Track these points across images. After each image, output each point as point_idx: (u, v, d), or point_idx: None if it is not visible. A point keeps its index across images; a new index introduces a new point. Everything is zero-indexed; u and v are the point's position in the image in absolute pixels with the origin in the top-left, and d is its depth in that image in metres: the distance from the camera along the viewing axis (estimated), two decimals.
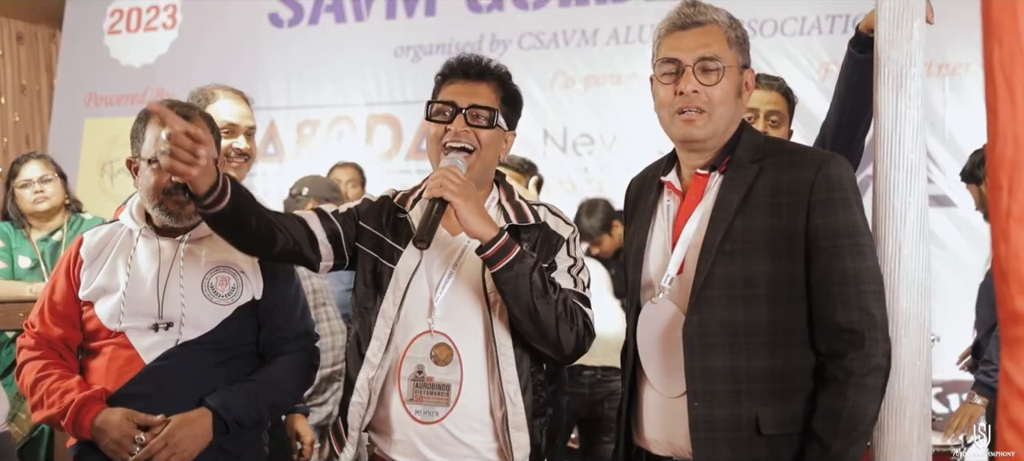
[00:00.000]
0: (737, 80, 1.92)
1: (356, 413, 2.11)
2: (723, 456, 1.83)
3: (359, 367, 2.11)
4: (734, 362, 1.83)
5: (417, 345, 2.09)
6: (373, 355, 2.09)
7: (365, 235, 2.17)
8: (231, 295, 2.30)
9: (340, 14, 6.77)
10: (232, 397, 2.25)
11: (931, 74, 5.44)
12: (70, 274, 2.32)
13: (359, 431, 2.11)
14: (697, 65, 1.88)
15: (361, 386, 2.10)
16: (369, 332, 2.10)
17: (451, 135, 2.09)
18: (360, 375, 2.10)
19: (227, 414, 2.22)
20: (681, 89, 1.89)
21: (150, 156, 2.24)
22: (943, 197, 5.20)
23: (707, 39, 1.90)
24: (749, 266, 1.84)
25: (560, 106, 6.16)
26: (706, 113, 1.89)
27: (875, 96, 1.97)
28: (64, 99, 7.39)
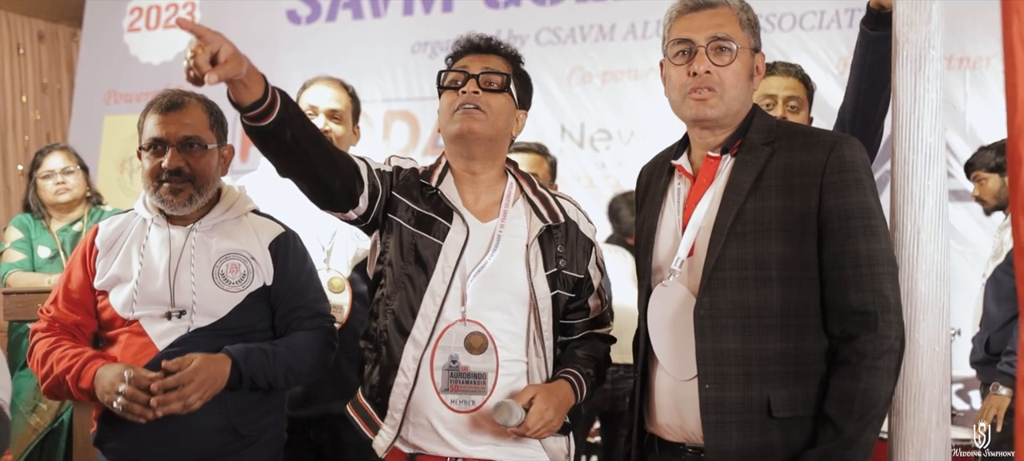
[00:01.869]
0: (749, 62, 1.92)
1: (400, 394, 2.06)
2: (734, 439, 1.82)
3: (403, 346, 2.05)
4: (746, 344, 1.82)
5: (449, 334, 2.05)
6: (420, 334, 2.05)
7: (401, 207, 2.13)
8: (242, 282, 2.31)
9: (358, 11, 6.80)
10: (251, 352, 2.24)
11: (952, 68, 5.44)
12: (86, 263, 2.34)
13: (402, 413, 2.06)
14: (710, 45, 1.88)
15: (407, 366, 2.05)
16: (413, 310, 2.06)
17: (464, 97, 2.07)
18: (406, 354, 2.05)
19: (244, 366, 2.21)
20: (694, 70, 1.89)
21: (145, 144, 2.29)
22: (963, 191, 5.15)
23: (719, 20, 1.90)
24: (761, 248, 1.83)
25: (577, 101, 6.17)
26: (717, 93, 1.89)
27: (893, 79, 1.95)
28: (84, 96, 7.43)
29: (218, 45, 1.71)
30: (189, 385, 2.13)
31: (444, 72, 2.16)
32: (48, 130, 7.68)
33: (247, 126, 1.86)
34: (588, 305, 2.20)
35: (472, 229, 2.08)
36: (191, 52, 1.72)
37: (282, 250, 2.37)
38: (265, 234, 2.38)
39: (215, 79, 1.70)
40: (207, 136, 2.32)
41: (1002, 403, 3.74)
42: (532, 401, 2.00)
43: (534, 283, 2.07)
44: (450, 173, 2.16)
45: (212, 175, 2.34)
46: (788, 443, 1.82)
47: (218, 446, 2.24)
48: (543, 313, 2.08)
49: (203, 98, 2.37)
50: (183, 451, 2.21)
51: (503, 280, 2.07)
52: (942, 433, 1.89)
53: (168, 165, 2.26)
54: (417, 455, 2.08)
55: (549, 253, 2.10)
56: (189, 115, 2.31)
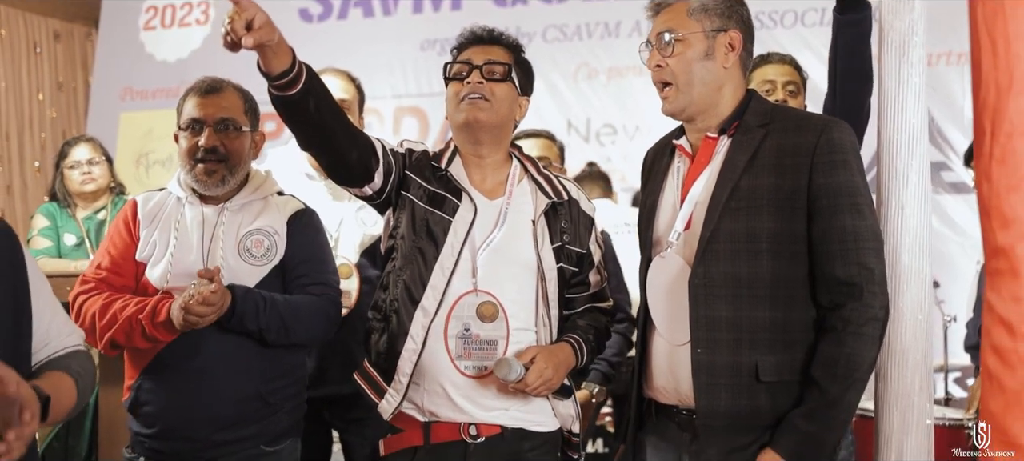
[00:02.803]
0: (705, 44, 2.01)
1: (408, 359, 2.17)
2: (723, 401, 1.93)
3: (413, 314, 2.17)
4: (737, 312, 1.93)
5: (462, 304, 2.17)
6: (429, 303, 2.16)
7: (413, 185, 2.24)
8: (266, 256, 2.43)
9: (368, 9, 6.90)
10: (250, 294, 2.34)
11: (950, 63, 5.52)
12: (130, 230, 2.45)
13: (409, 377, 2.17)
14: (657, 42, 2.03)
15: (416, 333, 2.16)
16: (423, 280, 2.18)
17: (469, 88, 2.20)
18: (415, 321, 2.16)
19: (239, 303, 2.29)
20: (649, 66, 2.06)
21: (184, 124, 2.42)
22: (961, 184, 5.26)
23: (666, 16, 2.05)
24: (753, 222, 1.94)
25: (583, 97, 6.30)
26: (673, 85, 2.02)
27: (879, 64, 2.07)
28: (101, 94, 7.51)
29: (253, 12, 1.84)
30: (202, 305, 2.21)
31: (449, 64, 2.29)
32: (64, 127, 7.75)
33: (274, 95, 1.98)
34: (589, 279, 2.33)
35: (480, 207, 2.21)
36: (229, 18, 1.86)
37: (297, 223, 2.48)
38: (287, 210, 2.50)
39: (251, 43, 1.84)
40: (241, 119, 2.45)
41: None
42: (533, 360, 2.13)
43: (541, 255, 2.20)
44: (458, 156, 2.29)
45: (244, 156, 2.47)
46: (775, 406, 1.93)
47: (245, 412, 2.37)
48: (549, 284, 2.21)
49: (238, 85, 2.50)
50: (213, 416, 2.33)
51: (512, 253, 2.20)
52: (924, 396, 2.00)
53: (205, 144, 2.39)
54: (432, 422, 2.19)
55: (554, 228, 2.23)
56: (226, 99, 2.45)
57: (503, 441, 2.18)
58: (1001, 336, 1.34)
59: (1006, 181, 1.34)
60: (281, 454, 2.45)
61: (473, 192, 2.23)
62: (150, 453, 2.39)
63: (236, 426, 2.36)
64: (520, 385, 2.11)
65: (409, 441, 2.21)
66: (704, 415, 1.94)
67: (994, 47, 1.34)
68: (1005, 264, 1.34)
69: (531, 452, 2.21)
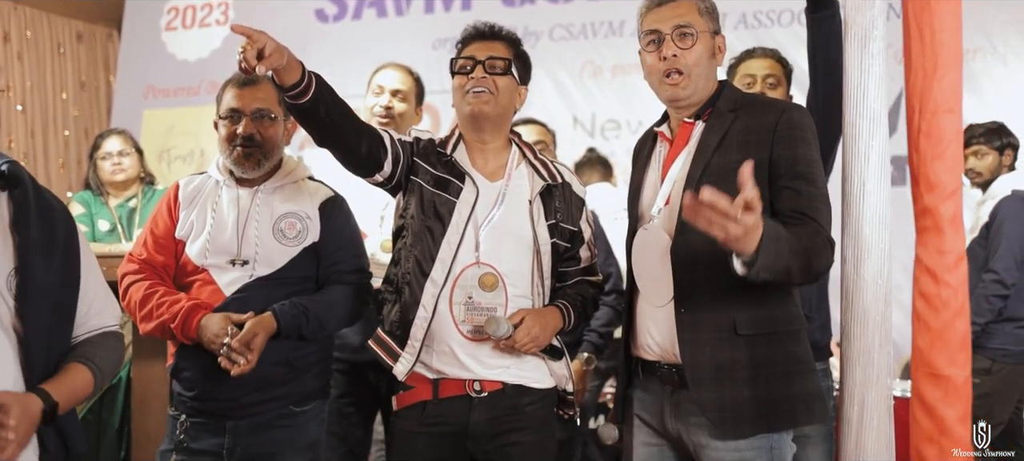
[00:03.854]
0: (710, 44, 2.24)
1: (420, 326, 2.40)
2: (706, 354, 2.14)
3: (423, 286, 2.40)
4: (714, 274, 2.13)
5: (466, 275, 2.41)
6: (437, 275, 2.40)
7: (421, 170, 2.47)
8: (297, 238, 2.63)
9: (381, 9, 7.00)
10: (291, 313, 2.55)
11: None
12: (171, 212, 2.66)
13: (421, 342, 2.41)
14: (674, 33, 2.22)
15: (426, 302, 2.40)
16: (432, 255, 2.41)
17: (473, 82, 2.43)
18: (425, 293, 2.40)
19: (283, 323, 2.53)
20: (664, 55, 2.23)
21: (223, 113, 2.64)
22: None
23: (681, 11, 2.23)
24: (725, 193, 2.16)
25: (588, 93, 6.37)
26: (685, 74, 2.23)
27: (844, 56, 2.30)
28: (124, 92, 7.62)
29: (263, 42, 2.11)
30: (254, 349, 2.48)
31: (455, 59, 2.51)
32: (86, 126, 7.84)
33: (288, 104, 2.26)
34: (580, 255, 2.56)
35: (481, 189, 2.44)
36: (242, 49, 2.13)
37: (330, 211, 2.69)
38: (318, 196, 2.70)
39: (263, 70, 2.12)
40: (275, 109, 2.66)
41: None
42: (522, 320, 2.36)
43: (537, 231, 2.44)
44: (463, 142, 2.52)
45: (278, 143, 2.68)
46: (752, 356, 2.15)
47: (275, 375, 2.58)
48: (544, 257, 2.45)
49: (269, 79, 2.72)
50: (244, 379, 2.53)
51: (511, 229, 2.44)
52: (884, 352, 2.20)
53: (242, 132, 2.61)
54: (440, 379, 2.44)
55: (549, 207, 2.47)
56: (261, 90, 2.66)
57: (504, 396, 2.42)
58: (927, 283, 1.57)
59: (931, 151, 1.57)
60: (308, 414, 2.66)
61: (475, 175, 2.46)
62: (191, 411, 2.61)
63: (266, 388, 2.58)
64: (509, 342, 2.35)
65: (419, 396, 2.44)
66: (690, 367, 2.15)
67: (921, 37, 1.57)
68: (930, 222, 1.57)
69: (529, 406, 2.45)
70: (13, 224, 1.94)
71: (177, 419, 2.64)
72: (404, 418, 2.47)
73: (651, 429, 2.34)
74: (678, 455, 2.32)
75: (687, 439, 2.25)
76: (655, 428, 2.33)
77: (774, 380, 2.15)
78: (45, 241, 1.96)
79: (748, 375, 2.15)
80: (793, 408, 2.15)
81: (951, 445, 1.56)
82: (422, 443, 2.43)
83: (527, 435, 2.44)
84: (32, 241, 1.93)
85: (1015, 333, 4.06)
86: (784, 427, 2.18)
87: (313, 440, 2.69)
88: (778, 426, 2.16)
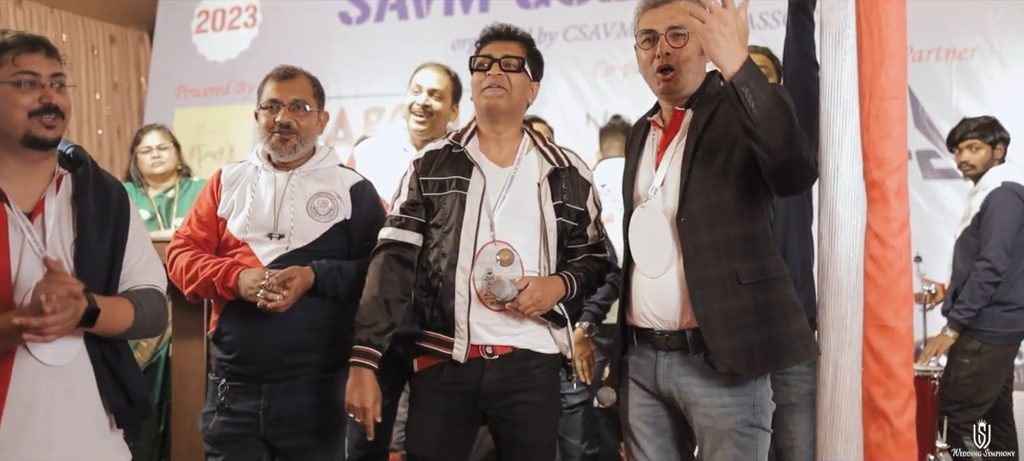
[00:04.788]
0: (700, 42, 2.45)
1: (462, 310, 2.64)
2: (715, 305, 2.37)
3: (454, 273, 2.64)
4: (715, 235, 2.38)
5: (486, 252, 2.64)
6: (465, 261, 2.64)
7: (429, 185, 2.73)
8: (329, 215, 2.88)
9: (403, 11, 7.20)
10: (330, 270, 2.80)
11: (940, 58, 5.82)
12: (214, 194, 2.93)
13: (466, 324, 2.64)
14: (668, 33, 2.47)
15: (461, 288, 2.64)
16: (457, 245, 2.64)
17: (489, 78, 2.67)
18: (458, 279, 2.64)
19: (321, 280, 2.78)
20: (657, 53, 2.47)
21: (264, 104, 2.89)
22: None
23: (674, 13, 2.46)
24: (716, 163, 2.40)
25: (601, 92, 6.56)
26: (677, 70, 2.47)
27: (820, 51, 2.52)
28: (157, 92, 7.83)
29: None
30: (289, 289, 2.73)
31: (474, 57, 2.76)
32: (118, 125, 8.11)
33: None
34: (587, 234, 2.80)
35: (490, 175, 2.69)
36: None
37: (360, 193, 2.94)
38: (348, 180, 2.96)
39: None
40: (311, 101, 2.91)
41: (944, 342, 4.27)
42: (527, 285, 2.60)
43: (544, 211, 2.68)
44: (478, 133, 2.78)
45: (312, 132, 2.93)
46: (755, 303, 2.38)
47: (306, 342, 2.83)
48: (550, 234, 2.69)
49: (308, 73, 2.96)
50: (279, 345, 2.80)
51: (520, 209, 2.68)
52: (857, 319, 2.37)
53: (281, 120, 2.86)
54: None
55: (556, 189, 2.71)
56: (298, 83, 2.92)
57: (513, 359, 2.67)
58: (875, 246, 1.81)
59: (879, 132, 1.81)
60: (336, 380, 2.89)
61: (484, 164, 2.71)
62: (230, 375, 2.87)
63: (298, 353, 2.83)
64: (513, 304, 2.59)
65: (437, 358, 2.69)
66: (703, 320, 2.38)
67: (871, 32, 1.81)
68: (878, 194, 1.81)
69: (536, 369, 2.69)
70: (75, 198, 2.22)
71: (218, 384, 2.91)
72: (424, 378, 2.73)
73: (645, 391, 2.58)
74: (670, 413, 2.57)
75: (678, 398, 2.50)
76: (649, 389, 2.57)
77: (775, 322, 2.39)
78: (100, 214, 2.24)
79: (754, 320, 2.38)
80: (794, 345, 2.39)
81: (896, 386, 1.79)
82: (440, 400, 2.69)
83: (534, 395, 2.69)
84: (90, 213, 2.21)
85: (1004, 316, 4.26)
86: (789, 364, 2.42)
87: (340, 403, 2.92)
88: (784, 363, 2.41)
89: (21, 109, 2.12)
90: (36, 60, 2.15)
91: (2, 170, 2.17)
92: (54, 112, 2.16)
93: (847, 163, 2.43)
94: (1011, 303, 4.27)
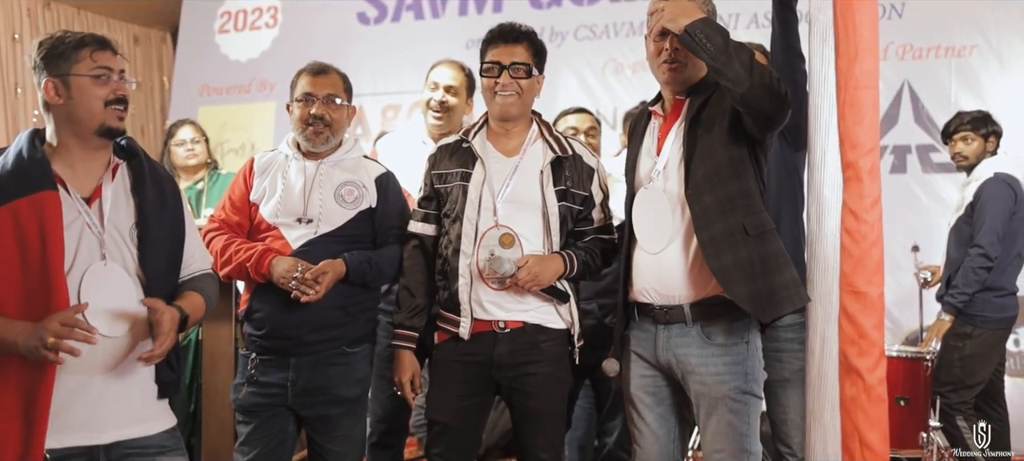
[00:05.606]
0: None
1: (465, 292, 2.86)
2: (727, 257, 2.57)
3: (458, 258, 2.86)
4: (718, 196, 2.59)
5: (488, 236, 2.85)
6: (467, 247, 2.86)
7: (439, 178, 2.96)
8: (355, 202, 3.08)
9: (419, 12, 7.28)
10: (359, 262, 3.00)
11: (939, 56, 5.91)
12: (246, 181, 3.13)
13: (469, 304, 2.86)
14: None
15: (463, 272, 2.86)
16: (460, 234, 2.86)
17: (500, 86, 2.87)
18: (461, 264, 2.86)
19: (353, 271, 2.98)
20: (666, 46, 2.68)
21: (299, 96, 3.08)
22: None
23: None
24: (713, 135, 2.61)
25: (610, 89, 6.63)
26: (683, 62, 2.68)
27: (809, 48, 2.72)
28: (181, 91, 7.94)
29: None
30: (322, 283, 2.93)
31: (482, 62, 2.96)
32: (142, 123, 8.19)
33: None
34: (593, 217, 3.00)
35: (493, 166, 2.88)
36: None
37: (384, 184, 3.14)
38: (373, 171, 3.16)
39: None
40: (342, 95, 3.11)
41: (942, 327, 4.44)
42: (526, 262, 2.80)
43: (545, 196, 2.88)
44: (487, 127, 2.98)
45: (343, 124, 3.13)
46: (760, 253, 2.58)
47: (330, 318, 3.03)
48: (552, 218, 2.88)
49: (339, 69, 3.16)
50: (306, 321, 3.00)
51: (524, 195, 2.88)
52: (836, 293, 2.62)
53: (315, 112, 3.06)
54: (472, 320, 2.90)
55: (559, 176, 2.91)
56: (330, 79, 3.12)
57: (524, 333, 2.88)
58: (850, 220, 2.01)
59: (853, 118, 2.01)
60: (359, 354, 3.12)
61: (489, 155, 2.91)
62: (260, 350, 3.08)
63: (323, 329, 3.03)
64: (512, 279, 2.79)
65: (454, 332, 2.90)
66: (719, 273, 2.57)
67: (846, 28, 2.01)
68: (853, 173, 2.01)
69: (545, 343, 2.90)
70: (133, 188, 2.43)
71: (248, 357, 3.12)
72: (441, 350, 2.95)
73: (645, 362, 2.79)
74: (669, 383, 2.78)
75: (676, 368, 2.70)
76: (649, 361, 2.78)
77: (771, 272, 2.58)
78: (158, 202, 2.45)
79: (760, 269, 2.58)
80: (788, 292, 2.59)
81: (868, 346, 1.98)
82: (455, 370, 2.91)
83: (543, 367, 2.89)
84: (149, 202, 2.42)
85: (995, 302, 4.43)
86: (786, 309, 2.60)
87: (362, 376, 3.16)
88: (783, 309, 2.59)
89: (99, 100, 2.34)
90: (108, 56, 2.37)
91: (65, 157, 2.37)
92: (124, 103, 2.39)
93: (833, 151, 2.60)
94: (1002, 289, 4.43)
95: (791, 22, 2.95)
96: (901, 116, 6.04)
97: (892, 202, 5.79)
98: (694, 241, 2.62)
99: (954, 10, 5.94)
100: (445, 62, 3.83)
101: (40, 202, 2.25)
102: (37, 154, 2.33)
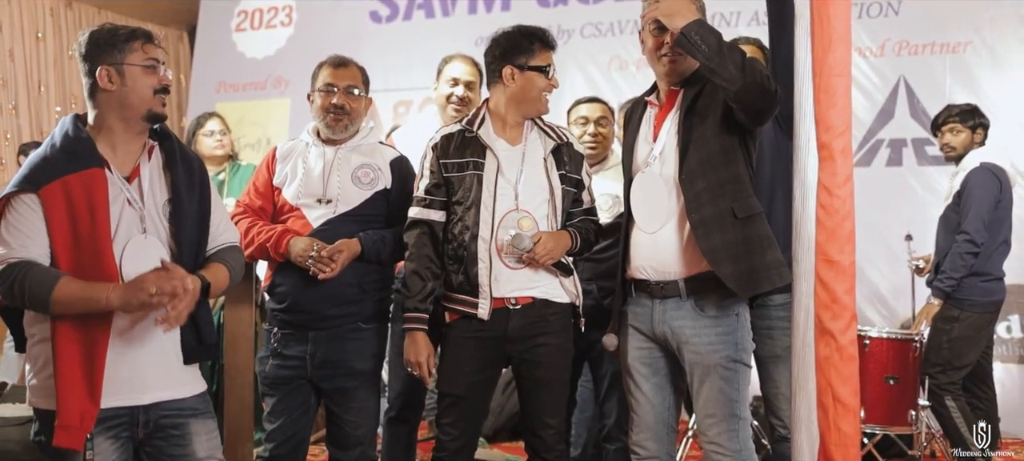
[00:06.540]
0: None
1: (484, 275, 3.04)
2: (716, 238, 2.75)
3: (476, 243, 3.04)
4: (709, 181, 2.77)
5: (508, 219, 3.05)
6: (485, 231, 3.04)
7: (449, 166, 3.12)
8: (371, 184, 3.28)
9: (429, 11, 7.48)
10: (373, 240, 3.20)
11: (934, 52, 6.10)
12: (269, 167, 3.34)
13: (489, 287, 3.04)
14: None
15: (482, 256, 3.04)
16: (478, 218, 3.04)
17: (547, 88, 3.11)
18: (479, 248, 3.04)
19: (367, 249, 3.18)
20: (664, 41, 2.86)
21: (321, 87, 3.28)
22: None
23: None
24: (706, 124, 2.79)
25: (615, 85, 6.74)
26: (680, 56, 2.85)
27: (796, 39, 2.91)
28: (199, 87, 8.16)
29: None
30: (337, 261, 3.13)
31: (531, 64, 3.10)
32: None
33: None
34: (582, 199, 3.22)
35: (503, 155, 3.08)
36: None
37: (398, 167, 3.35)
38: (388, 155, 3.37)
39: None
40: (360, 87, 3.32)
41: (931, 310, 4.62)
42: (540, 238, 3.00)
43: (552, 180, 3.09)
44: (488, 118, 3.16)
45: (361, 113, 3.33)
46: (747, 234, 2.76)
47: (347, 294, 3.22)
48: (557, 200, 3.09)
49: (358, 63, 3.36)
50: (324, 296, 3.20)
51: (535, 180, 3.09)
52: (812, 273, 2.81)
53: (336, 102, 3.26)
54: None
55: (559, 161, 3.12)
56: (350, 70, 3.33)
57: (534, 308, 3.08)
58: (825, 196, 2.20)
59: (827, 103, 2.19)
60: (373, 331, 3.32)
61: (497, 144, 3.09)
62: (281, 324, 3.28)
63: (340, 305, 3.22)
64: (531, 254, 2.99)
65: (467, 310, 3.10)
66: (708, 253, 2.75)
67: (821, 20, 2.20)
68: (827, 153, 2.20)
69: (553, 316, 3.10)
70: (166, 167, 2.64)
71: (271, 332, 3.33)
72: (455, 328, 3.14)
73: (642, 335, 2.97)
74: (664, 355, 2.97)
75: (671, 339, 2.90)
76: (646, 334, 2.96)
77: (754, 253, 2.76)
78: (187, 180, 2.65)
79: (744, 250, 2.75)
80: (770, 272, 2.77)
81: (840, 310, 2.16)
82: (470, 346, 3.10)
83: (552, 339, 3.10)
84: (180, 180, 2.63)
85: (981, 286, 4.60)
86: (766, 288, 2.78)
87: (376, 351, 3.35)
88: (764, 286, 2.77)
89: (149, 88, 2.55)
90: (155, 49, 2.59)
91: (108, 139, 2.57)
92: (168, 92, 2.61)
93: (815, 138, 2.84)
94: (988, 274, 4.60)
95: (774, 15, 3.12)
96: (897, 110, 6.22)
97: (888, 194, 6.05)
98: (688, 222, 2.80)
99: (949, 8, 6.11)
100: (458, 57, 3.99)
101: (89, 178, 2.46)
102: (83, 134, 2.53)
